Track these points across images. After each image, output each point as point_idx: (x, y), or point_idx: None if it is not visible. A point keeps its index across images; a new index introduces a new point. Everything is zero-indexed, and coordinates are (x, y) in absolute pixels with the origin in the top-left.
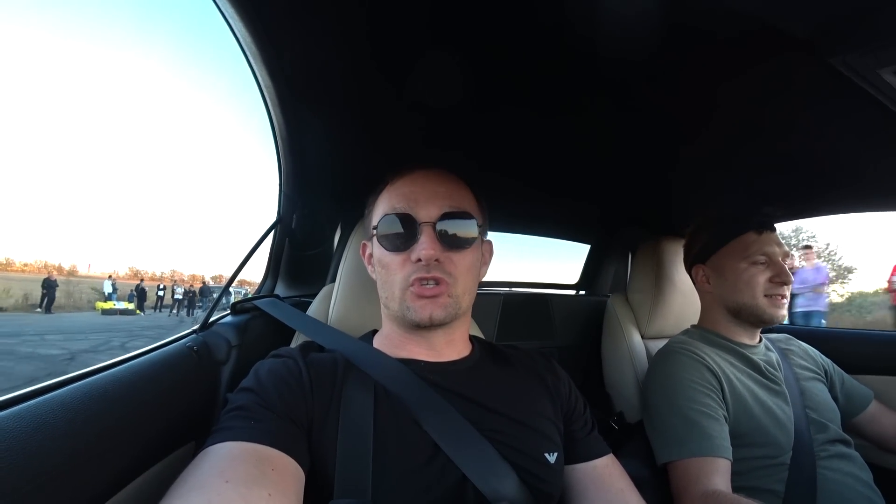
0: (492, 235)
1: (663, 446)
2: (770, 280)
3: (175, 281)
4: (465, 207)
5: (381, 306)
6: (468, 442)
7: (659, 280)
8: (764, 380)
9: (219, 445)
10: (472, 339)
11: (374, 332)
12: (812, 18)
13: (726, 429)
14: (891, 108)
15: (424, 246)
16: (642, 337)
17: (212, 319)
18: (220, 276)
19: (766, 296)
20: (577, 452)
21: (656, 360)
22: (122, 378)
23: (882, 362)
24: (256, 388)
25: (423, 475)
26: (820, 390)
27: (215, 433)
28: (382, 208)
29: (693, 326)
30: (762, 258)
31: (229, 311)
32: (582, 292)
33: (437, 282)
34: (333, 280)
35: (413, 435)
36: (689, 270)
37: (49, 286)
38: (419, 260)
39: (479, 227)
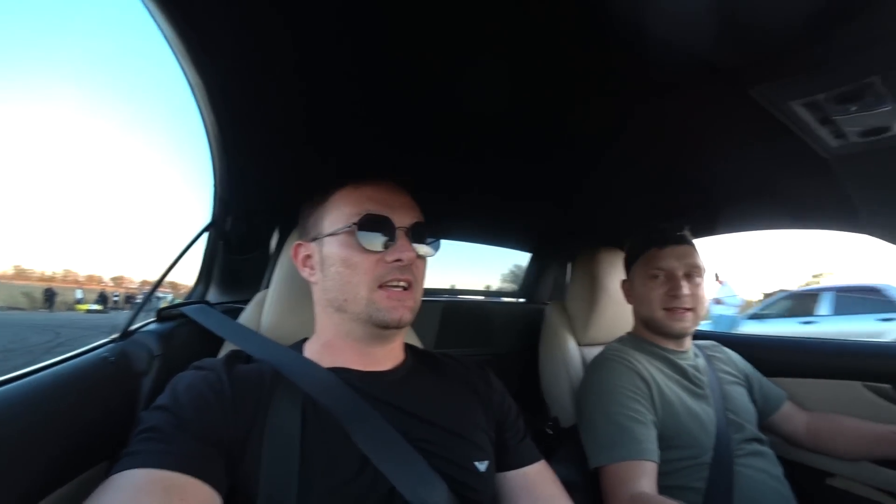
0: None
1: (595, 451)
2: (666, 294)
3: (127, 289)
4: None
5: (329, 311)
6: (397, 453)
7: (595, 289)
8: (690, 385)
9: (124, 474)
10: (406, 347)
11: (305, 340)
12: (738, 52)
13: (654, 433)
14: (799, 136)
15: (406, 248)
16: (578, 344)
17: (133, 327)
18: (122, 278)
19: (664, 309)
20: (508, 460)
21: (591, 367)
22: (27, 392)
23: (795, 366)
24: (172, 405)
25: (351, 489)
26: (740, 394)
27: (123, 458)
28: (348, 210)
29: (628, 334)
30: (658, 272)
31: (154, 318)
32: (522, 300)
33: (408, 285)
34: (268, 286)
35: (341, 448)
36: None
37: (50, 293)
38: (397, 261)
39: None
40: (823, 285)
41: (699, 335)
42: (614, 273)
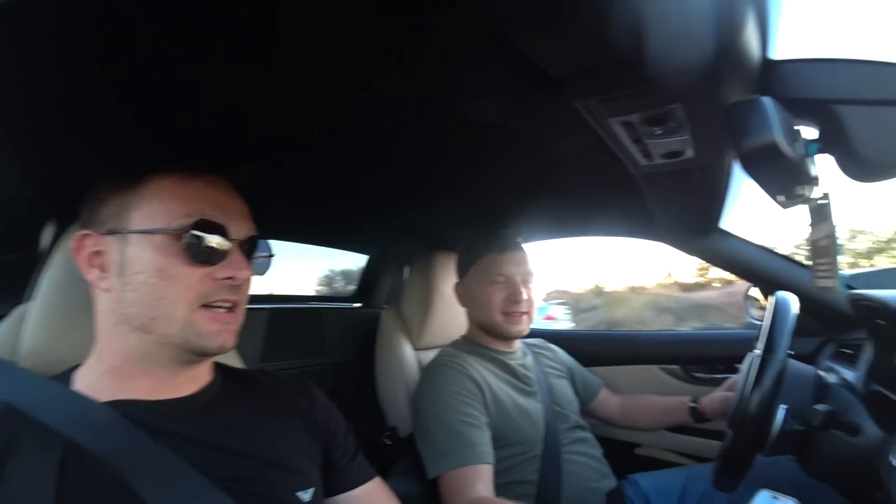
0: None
1: (431, 460)
2: (506, 299)
3: None
4: None
5: (123, 329)
6: (199, 499)
7: (430, 293)
8: (520, 383)
9: None
10: (214, 366)
11: (77, 367)
12: (569, 62)
13: (488, 435)
14: (615, 152)
15: (241, 265)
16: (414, 349)
17: None
18: None
19: (503, 313)
20: (338, 482)
21: (425, 373)
22: None
23: (608, 356)
24: None
25: None
26: (564, 386)
27: None
28: (175, 206)
29: (461, 337)
30: (500, 278)
31: None
32: (357, 305)
33: (233, 305)
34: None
35: None
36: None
37: None
38: (229, 278)
39: None
40: None
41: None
42: (448, 276)
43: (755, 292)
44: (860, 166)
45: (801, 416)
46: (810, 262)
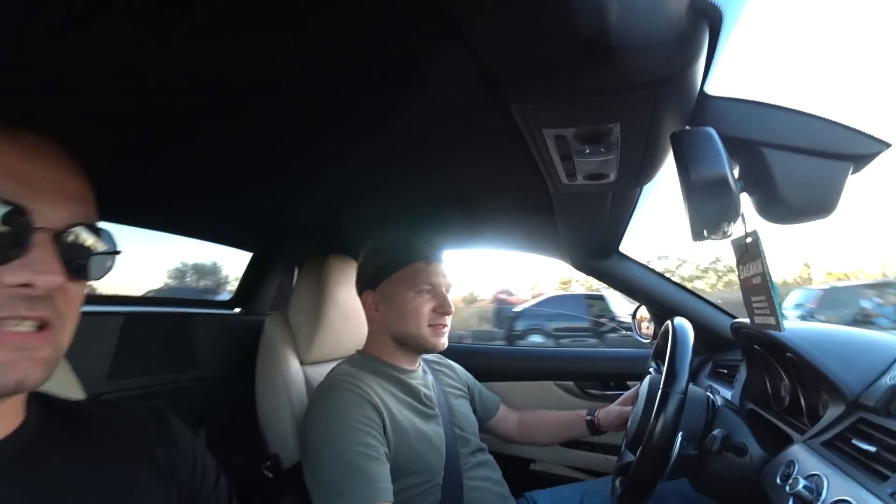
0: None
1: (324, 499)
2: (434, 310)
3: None
4: (96, 218)
5: None
6: None
7: (323, 300)
8: (422, 407)
9: None
10: (32, 399)
11: None
12: (514, 58)
13: (388, 467)
14: (539, 167)
15: (45, 267)
16: (301, 363)
17: None
18: None
19: (429, 325)
20: None
21: (318, 394)
22: None
23: (505, 371)
24: None
25: None
26: (464, 406)
27: None
28: None
29: (358, 352)
30: (428, 287)
31: None
32: (237, 310)
33: (43, 324)
34: None
35: None
36: (360, 295)
37: None
38: (26, 286)
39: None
40: None
41: None
42: (344, 283)
43: (643, 312)
44: (777, 209)
45: (694, 439)
46: (746, 301)
